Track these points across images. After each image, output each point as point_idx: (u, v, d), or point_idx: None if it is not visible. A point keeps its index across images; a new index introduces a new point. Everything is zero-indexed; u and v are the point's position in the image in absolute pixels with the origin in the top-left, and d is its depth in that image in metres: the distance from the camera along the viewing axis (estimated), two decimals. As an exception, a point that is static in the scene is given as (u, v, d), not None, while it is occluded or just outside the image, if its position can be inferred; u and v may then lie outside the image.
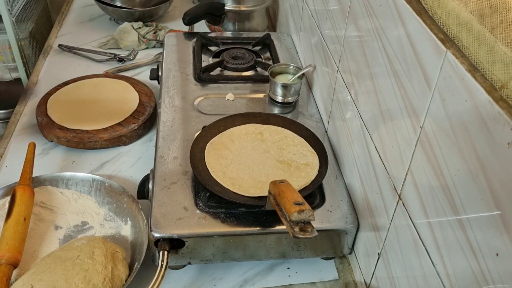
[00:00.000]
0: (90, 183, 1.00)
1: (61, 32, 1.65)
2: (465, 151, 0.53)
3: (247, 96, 1.16)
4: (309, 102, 1.16)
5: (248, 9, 1.52)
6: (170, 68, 1.24)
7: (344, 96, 0.93)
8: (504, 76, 0.48)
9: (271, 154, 0.94)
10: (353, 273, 0.92)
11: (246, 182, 0.87)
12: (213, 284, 0.88)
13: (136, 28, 1.55)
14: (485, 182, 0.49)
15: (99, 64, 1.47)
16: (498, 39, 0.49)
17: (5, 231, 0.85)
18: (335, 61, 0.99)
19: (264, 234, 0.83)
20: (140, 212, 0.92)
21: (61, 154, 1.13)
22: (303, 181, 0.88)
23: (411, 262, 0.67)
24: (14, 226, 0.86)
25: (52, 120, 1.16)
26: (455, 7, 0.56)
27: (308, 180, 0.88)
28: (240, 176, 0.89)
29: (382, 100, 0.75)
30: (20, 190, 0.91)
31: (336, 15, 0.97)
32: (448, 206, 0.57)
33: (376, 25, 0.76)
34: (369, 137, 0.81)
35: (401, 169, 0.69)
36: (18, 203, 0.89)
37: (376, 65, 0.77)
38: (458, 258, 0.55)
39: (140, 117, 1.19)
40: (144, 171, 1.03)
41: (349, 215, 0.86)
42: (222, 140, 0.97)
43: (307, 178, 0.88)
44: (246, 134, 0.99)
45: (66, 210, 0.97)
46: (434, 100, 0.59)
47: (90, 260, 0.81)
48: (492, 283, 0.49)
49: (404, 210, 0.69)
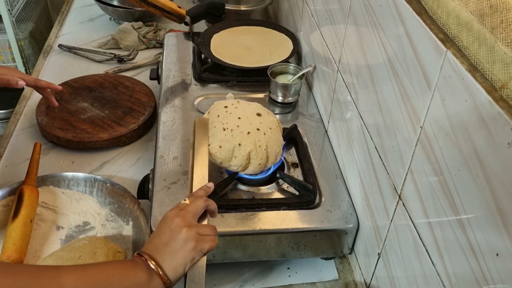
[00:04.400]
0: (91, 183, 1.00)
1: (61, 32, 1.65)
2: (465, 151, 0.53)
3: (247, 96, 1.16)
4: (309, 102, 1.16)
5: (248, 9, 1.52)
6: (170, 68, 1.24)
7: (344, 96, 0.93)
8: (504, 76, 0.48)
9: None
10: (353, 273, 0.92)
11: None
12: (213, 284, 0.88)
13: (136, 28, 1.55)
14: (485, 182, 0.49)
15: (99, 64, 1.47)
16: (498, 39, 0.49)
17: (13, 231, 0.85)
18: (335, 61, 0.99)
19: (264, 234, 0.83)
20: (141, 212, 0.92)
21: (61, 154, 1.13)
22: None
23: (411, 262, 0.68)
24: (21, 227, 0.86)
25: (52, 120, 1.16)
26: (455, 7, 0.56)
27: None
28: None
29: (382, 100, 0.75)
30: (28, 191, 0.92)
31: (336, 15, 0.97)
32: (448, 206, 0.57)
33: (376, 25, 0.76)
34: (369, 137, 0.81)
35: (401, 169, 0.69)
36: (26, 203, 0.89)
37: (376, 65, 0.77)
38: (458, 258, 0.55)
39: (140, 117, 1.19)
40: (144, 171, 1.03)
41: (349, 215, 0.87)
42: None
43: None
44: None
45: (68, 210, 0.97)
46: (434, 100, 0.59)
47: (92, 260, 0.81)
48: (492, 283, 0.49)
49: (404, 210, 0.69)
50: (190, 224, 0.66)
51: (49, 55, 1.51)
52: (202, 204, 0.70)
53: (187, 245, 0.64)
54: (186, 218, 0.67)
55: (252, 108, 0.93)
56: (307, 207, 0.87)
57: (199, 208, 0.69)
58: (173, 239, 0.65)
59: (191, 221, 0.67)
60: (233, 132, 0.87)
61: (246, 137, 0.86)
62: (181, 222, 0.66)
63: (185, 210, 0.68)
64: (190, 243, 0.64)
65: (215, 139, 0.87)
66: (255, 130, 0.88)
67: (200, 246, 0.65)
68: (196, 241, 0.65)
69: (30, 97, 1.31)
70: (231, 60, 1.23)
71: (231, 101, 0.95)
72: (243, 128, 0.87)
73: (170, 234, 0.65)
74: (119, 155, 1.14)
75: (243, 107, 0.93)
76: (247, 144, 0.86)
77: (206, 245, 0.66)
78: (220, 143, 0.86)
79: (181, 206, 0.70)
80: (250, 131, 0.87)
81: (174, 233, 0.65)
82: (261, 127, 0.89)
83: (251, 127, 0.88)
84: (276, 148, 0.90)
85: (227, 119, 0.89)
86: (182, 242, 0.64)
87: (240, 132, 0.87)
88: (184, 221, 0.66)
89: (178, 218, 0.66)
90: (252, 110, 0.92)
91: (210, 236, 0.67)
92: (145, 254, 0.64)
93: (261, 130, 0.88)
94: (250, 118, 0.90)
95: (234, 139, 0.86)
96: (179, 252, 0.64)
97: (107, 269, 0.62)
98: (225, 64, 1.22)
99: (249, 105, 0.94)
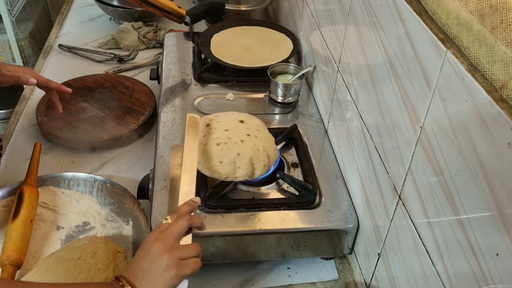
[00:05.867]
0: (91, 183, 1.00)
1: (61, 32, 1.65)
2: (465, 151, 0.53)
3: (247, 96, 1.16)
4: (309, 102, 1.16)
5: (248, 9, 1.52)
6: (170, 68, 1.24)
7: (344, 96, 0.93)
8: (504, 76, 0.48)
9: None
10: (353, 273, 0.92)
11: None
12: (213, 284, 0.88)
13: (136, 28, 1.55)
14: (485, 182, 0.49)
15: (99, 64, 1.47)
16: (498, 39, 0.49)
17: (13, 231, 0.85)
18: (335, 61, 0.99)
19: (264, 234, 0.83)
20: (141, 212, 0.92)
21: (61, 154, 1.13)
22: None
23: (411, 262, 0.68)
24: (22, 227, 0.86)
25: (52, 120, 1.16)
26: (455, 7, 0.56)
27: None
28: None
29: (382, 100, 0.75)
30: (28, 191, 0.92)
31: (336, 15, 0.97)
32: (448, 206, 0.57)
33: (376, 25, 0.76)
34: (369, 137, 0.81)
35: (401, 169, 0.69)
36: (26, 203, 0.89)
37: (376, 65, 0.77)
38: (458, 258, 0.55)
39: (140, 117, 1.19)
40: (144, 171, 1.03)
41: (349, 215, 0.87)
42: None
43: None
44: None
45: (68, 211, 0.97)
46: (434, 100, 0.59)
47: (92, 261, 0.81)
48: (492, 283, 0.49)
49: (404, 210, 0.69)
50: (171, 249, 0.63)
51: (49, 55, 1.51)
52: (185, 224, 0.67)
53: (168, 273, 0.62)
54: (167, 242, 0.64)
55: (233, 117, 0.94)
56: (307, 207, 0.87)
57: (181, 229, 0.66)
58: (153, 266, 0.62)
59: (172, 244, 0.64)
60: (228, 144, 0.86)
61: (242, 146, 0.86)
62: (161, 247, 0.63)
63: (166, 232, 0.65)
64: (171, 271, 0.62)
65: (212, 156, 0.85)
66: (246, 136, 0.88)
67: (182, 272, 0.63)
68: (177, 267, 0.62)
69: (30, 97, 1.31)
70: (231, 60, 1.23)
71: (209, 118, 0.94)
72: (235, 138, 0.87)
73: (150, 260, 0.63)
74: (119, 155, 1.14)
75: (225, 119, 0.93)
76: (246, 151, 0.86)
77: (188, 271, 0.63)
78: (220, 159, 0.85)
79: (162, 227, 0.66)
80: (242, 139, 0.87)
81: (154, 259, 0.62)
82: (250, 132, 0.89)
83: (241, 135, 0.88)
84: (272, 146, 0.90)
85: (216, 134, 0.88)
86: (162, 269, 0.62)
87: (234, 142, 0.86)
88: (165, 246, 0.63)
89: (158, 243, 0.63)
90: (234, 119, 0.93)
91: (192, 259, 0.65)
92: (123, 279, 0.62)
93: (252, 135, 0.89)
94: (236, 127, 0.90)
95: (231, 151, 0.85)
96: (159, 279, 0.62)
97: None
98: (225, 64, 1.22)
99: (229, 116, 0.95)
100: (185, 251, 0.65)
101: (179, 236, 0.66)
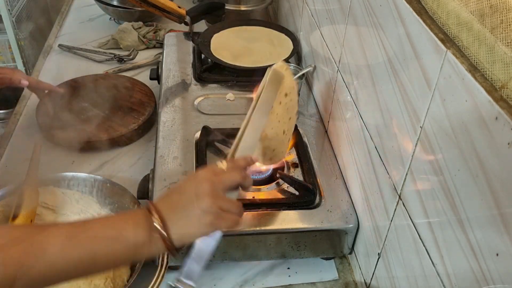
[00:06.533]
0: (91, 183, 1.00)
1: (61, 32, 1.65)
2: (465, 151, 0.53)
3: (247, 96, 1.16)
4: (309, 102, 1.16)
5: (248, 9, 1.52)
6: (170, 68, 1.24)
7: (344, 96, 0.93)
8: (504, 76, 0.48)
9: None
10: (353, 273, 0.92)
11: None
12: (213, 284, 0.88)
13: (136, 28, 1.55)
14: (485, 182, 0.49)
15: (99, 64, 1.47)
16: (498, 39, 0.49)
17: None
18: (335, 61, 0.99)
19: (264, 234, 0.83)
20: (140, 212, 0.92)
21: (61, 154, 1.13)
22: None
23: (411, 262, 0.68)
24: None
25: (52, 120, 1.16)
26: (455, 7, 0.56)
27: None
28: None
29: (382, 100, 0.75)
30: (28, 191, 0.91)
31: (336, 15, 0.97)
32: (448, 206, 0.57)
33: (376, 25, 0.76)
34: (369, 137, 0.81)
35: (401, 169, 0.69)
36: (26, 203, 0.89)
37: (376, 65, 0.77)
38: (458, 258, 0.55)
39: (140, 117, 1.19)
40: (144, 171, 1.03)
41: (349, 215, 0.87)
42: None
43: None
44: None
45: (68, 211, 0.97)
46: (434, 100, 0.59)
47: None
48: (492, 283, 0.49)
49: (404, 210, 0.69)
50: (216, 195, 0.59)
51: (49, 55, 1.51)
52: (238, 179, 0.63)
53: (204, 218, 0.58)
54: (216, 187, 0.60)
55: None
56: (307, 207, 0.87)
57: (233, 182, 0.62)
58: (192, 205, 0.58)
59: (219, 192, 0.60)
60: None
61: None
62: (208, 190, 0.59)
63: (219, 178, 0.61)
64: (208, 217, 0.58)
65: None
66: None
67: (218, 223, 0.59)
68: (216, 216, 0.58)
69: (30, 97, 1.31)
70: (231, 60, 1.23)
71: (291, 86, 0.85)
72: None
73: (190, 197, 0.59)
74: (119, 155, 1.14)
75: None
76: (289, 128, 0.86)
77: (224, 224, 0.59)
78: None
79: (216, 170, 0.62)
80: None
81: (197, 198, 0.58)
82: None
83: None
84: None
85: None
86: (200, 212, 0.58)
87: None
88: (212, 190, 0.59)
89: (207, 184, 0.59)
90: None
91: (232, 215, 0.60)
92: (154, 209, 0.58)
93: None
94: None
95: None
96: (194, 222, 0.58)
97: (99, 230, 0.56)
98: (225, 64, 1.22)
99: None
100: (228, 204, 0.60)
101: (229, 188, 0.62)
